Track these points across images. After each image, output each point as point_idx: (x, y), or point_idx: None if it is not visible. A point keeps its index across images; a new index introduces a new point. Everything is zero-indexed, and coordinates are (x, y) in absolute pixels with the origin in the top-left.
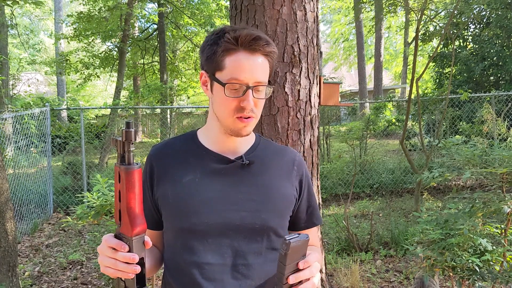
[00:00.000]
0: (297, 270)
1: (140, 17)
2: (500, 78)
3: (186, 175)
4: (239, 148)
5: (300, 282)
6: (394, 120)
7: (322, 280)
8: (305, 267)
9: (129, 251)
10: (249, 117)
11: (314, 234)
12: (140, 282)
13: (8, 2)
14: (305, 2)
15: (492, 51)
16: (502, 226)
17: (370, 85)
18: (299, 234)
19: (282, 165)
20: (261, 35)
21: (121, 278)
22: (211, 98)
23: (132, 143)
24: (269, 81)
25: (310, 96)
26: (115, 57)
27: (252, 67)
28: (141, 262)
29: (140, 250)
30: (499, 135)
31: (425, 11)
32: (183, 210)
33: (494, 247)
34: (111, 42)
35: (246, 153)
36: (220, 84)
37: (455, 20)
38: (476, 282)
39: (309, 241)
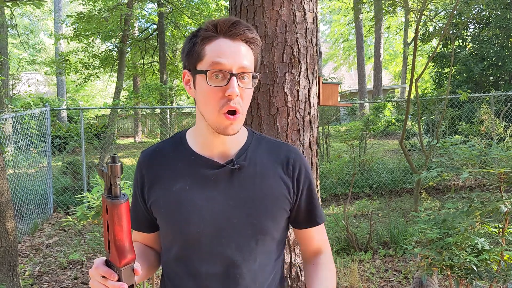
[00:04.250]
0: None
1: (140, 17)
2: (500, 78)
3: (176, 183)
4: (229, 150)
5: None
6: (393, 120)
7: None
8: None
9: (118, 280)
10: (235, 113)
11: (319, 233)
12: None
13: (8, 3)
14: (304, 3)
15: (491, 51)
16: (500, 225)
17: (369, 85)
18: None
19: (275, 165)
20: (241, 20)
21: None
22: (196, 96)
23: (118, 177)
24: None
25: (309, 96)
26: (115, 57)
27: (234, 53)
28: None
29: (129, 279)
30: (497, 135)
31: (424, 11)
32: (174, 220)
33: (491, 247)
34: (111, 42)
35: (237, 155)
36: (202, 73)
37: (454, 20)
38: (473, 281)
39: None
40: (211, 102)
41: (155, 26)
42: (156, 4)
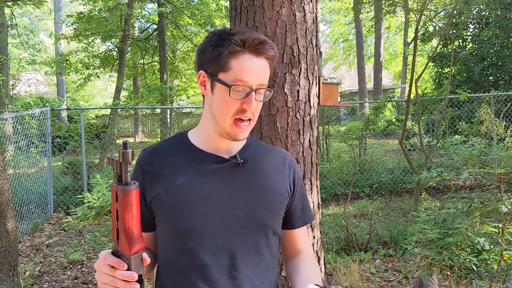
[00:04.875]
0: None
1: (140, 17)
2: (499, 78)
3: (180, 177)
4: (232, 148)
5: None
6: (393, 120)
7: (321, 279)
8: None
9: (127, 269)
10: (248, 120)
11: (305, 234)
12: None
13: (9, 3)
14: (304, 3)
15: (491, 51)
16: (500, 225)
17: (369, 85)
18: None
19: (274, 163)
20: (267, 39)
21: None
22: (210, 99)
23: (129, 163)
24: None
25: (309, 96)
26: (115, 57)
27: (257, 70)
28: (140, 279)
29: (138, 268)
30: (497, 135)
31: (424, 11)
32: (178, 212)
33: (491, 246)
34: (111, 42)
35: (239, 152)
36: (224, 85)
37: (454, 20)
38: (473, 281)
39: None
40: (227, 110)
41: (155, 26)
42: (156, 4)
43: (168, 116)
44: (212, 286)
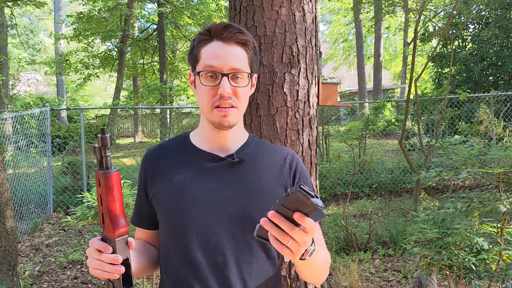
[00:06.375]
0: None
1: (140, 17)
2: (499, 78)
3: (178, 174)
4: (230, 146)
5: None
6: (393, 120)
7: (326, 259)
8: (299, 220)
9: (113, 253)
10: (229, 107)
11: (316, 231)
12: (126, 283)
13: (9, 3)
14: (303, 3)
15: (491, 51)
16: (499, 225)
17: (369, 85)
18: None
19: (273, 163)
20: (233, 24)
21: (110, 279)
22: (196, 95)
23: (108, 148)
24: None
25: (308, 96)
26: (115, 57)
27: (226, 55)
28: (126, 263)
29: (123, 251)
30: (497, 135)
31: (424, 11)
32: (174, 209)
33: (490, 246)
34: (111, 42)
35: (237, 151)
36: (196, 74)
37: (454, 21)
38: (472, 280)
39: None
40: (205, 99)
41: (155, 26)
42: (156, 4)
43: (168, 116)
44: (203, 283)
